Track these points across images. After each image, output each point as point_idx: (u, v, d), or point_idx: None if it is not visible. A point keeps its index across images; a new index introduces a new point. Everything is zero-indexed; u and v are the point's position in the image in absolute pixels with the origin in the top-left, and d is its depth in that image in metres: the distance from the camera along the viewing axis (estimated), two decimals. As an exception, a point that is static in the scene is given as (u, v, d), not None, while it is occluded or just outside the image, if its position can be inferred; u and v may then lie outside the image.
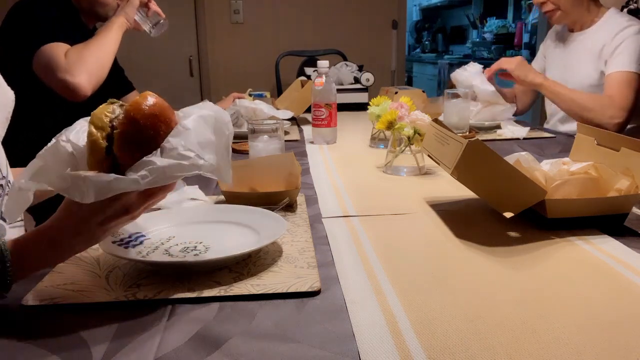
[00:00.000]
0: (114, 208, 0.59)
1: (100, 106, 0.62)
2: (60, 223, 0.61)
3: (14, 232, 0.60)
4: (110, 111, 0.61)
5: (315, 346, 0.53)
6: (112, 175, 0.57)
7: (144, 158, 0.58)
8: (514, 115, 1.94)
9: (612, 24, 1.73)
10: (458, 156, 0.81)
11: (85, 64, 1.42)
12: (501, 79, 1.83)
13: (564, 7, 1.76)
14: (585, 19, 1.80)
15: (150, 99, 0.61)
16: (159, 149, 0.59)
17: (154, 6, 1.68)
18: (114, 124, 0.60)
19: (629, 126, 1.76)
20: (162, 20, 1.69)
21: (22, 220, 0.79)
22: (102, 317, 0.60)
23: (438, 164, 0.93)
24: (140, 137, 0.59)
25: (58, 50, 1.43)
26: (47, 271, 0.70)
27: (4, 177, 0.75)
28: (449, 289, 0.66)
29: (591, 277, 0.69)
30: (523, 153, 0.93)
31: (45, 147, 0.61)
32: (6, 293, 0.60)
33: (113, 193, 0.57)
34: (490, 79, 1.80)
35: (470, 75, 1.80)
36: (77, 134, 0.62)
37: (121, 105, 0.62)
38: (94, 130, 0.59)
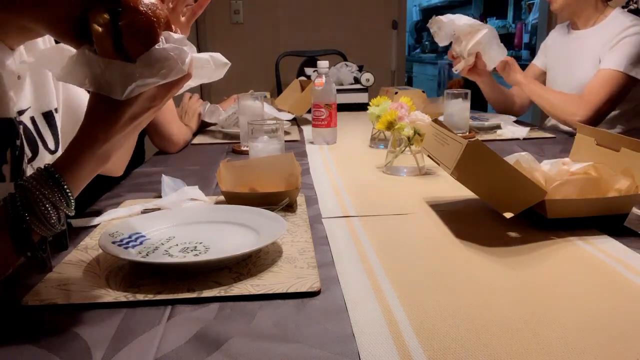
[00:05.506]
0: (139, 103, 0.62)
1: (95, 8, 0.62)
2: (93, 129, 0.62)
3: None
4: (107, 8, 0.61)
5: (315, 346, 0.53)
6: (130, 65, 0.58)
7: (155, 47, 0.59)
8: (514, 115, 1.94)
9: (615, 24, 1.72)
10: (458, 156, 0.81)
11: None
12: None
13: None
14: (590, 15, 1.78)
15: None
16: (163, 38, 0.61)
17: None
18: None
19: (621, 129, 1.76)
20: None
21: None
22: (102, 317, 0.60)
23: (438, 164, 0.93)
24: (144, 23, 0.59)
25: None
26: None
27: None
28: (449, 289, 0.66)
29: (591, 277, 0.69)
30: (523, 153, 0.93)
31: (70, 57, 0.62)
32: (72, 213, 0.62)
33: (138, 92, 0.59)
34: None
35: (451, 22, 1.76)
36: None
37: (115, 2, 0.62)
38: (97, 27, 0.59)
